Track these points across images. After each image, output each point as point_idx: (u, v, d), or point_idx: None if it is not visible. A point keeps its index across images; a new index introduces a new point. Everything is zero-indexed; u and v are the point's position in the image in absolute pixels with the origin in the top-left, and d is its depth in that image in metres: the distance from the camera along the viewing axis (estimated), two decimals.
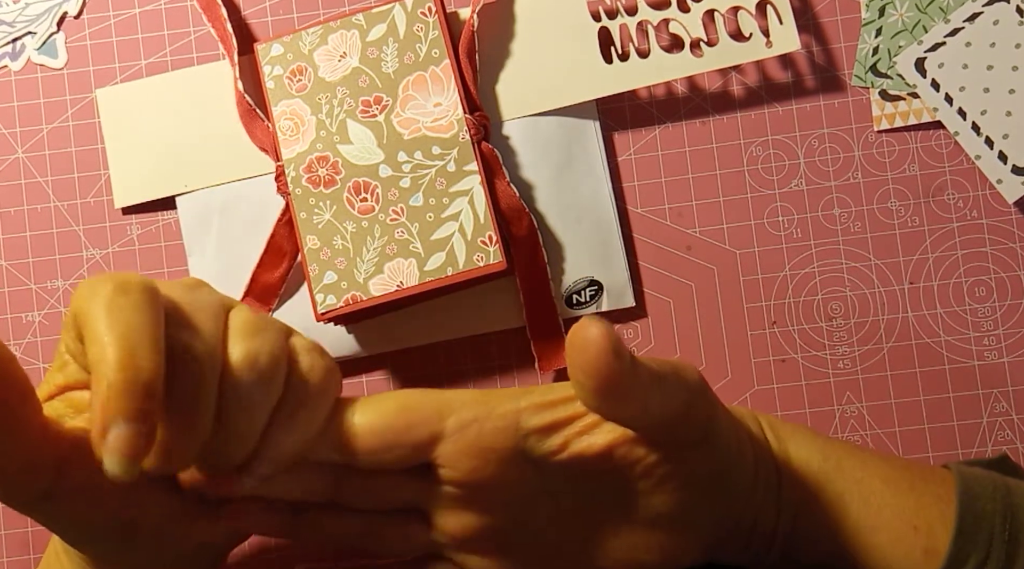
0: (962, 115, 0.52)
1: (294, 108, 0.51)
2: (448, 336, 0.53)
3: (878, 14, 0.53)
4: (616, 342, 0.33)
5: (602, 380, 0.33)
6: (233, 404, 0.34)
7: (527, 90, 0.53)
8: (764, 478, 0.39)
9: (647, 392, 0.34)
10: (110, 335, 0.31)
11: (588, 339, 0.33)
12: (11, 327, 0.54)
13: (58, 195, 0.54)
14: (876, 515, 0.39)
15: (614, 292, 0.53)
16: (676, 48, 0.52)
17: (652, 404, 0.35)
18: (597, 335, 0.33)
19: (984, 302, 0.52)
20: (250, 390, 0.34)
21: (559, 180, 0.53)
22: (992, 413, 0.52)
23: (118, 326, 0.31)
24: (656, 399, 0.35)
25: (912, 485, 0.40)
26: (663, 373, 0.35)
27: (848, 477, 0.40)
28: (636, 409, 0.34)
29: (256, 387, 0.34)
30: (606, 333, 0.33)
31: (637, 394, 0.34)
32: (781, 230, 0.53)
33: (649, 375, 0.34)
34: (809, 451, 0.41)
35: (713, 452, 0.37)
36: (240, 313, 0.36)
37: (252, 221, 0.53)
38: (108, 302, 0.31)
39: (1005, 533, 0.38)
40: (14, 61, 0.55)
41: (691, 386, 0.36)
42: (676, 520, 0.38)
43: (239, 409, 0.34)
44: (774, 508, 0.40)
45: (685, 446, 0.37)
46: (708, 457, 0.37)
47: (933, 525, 0.38)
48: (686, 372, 0.36)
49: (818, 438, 0.42)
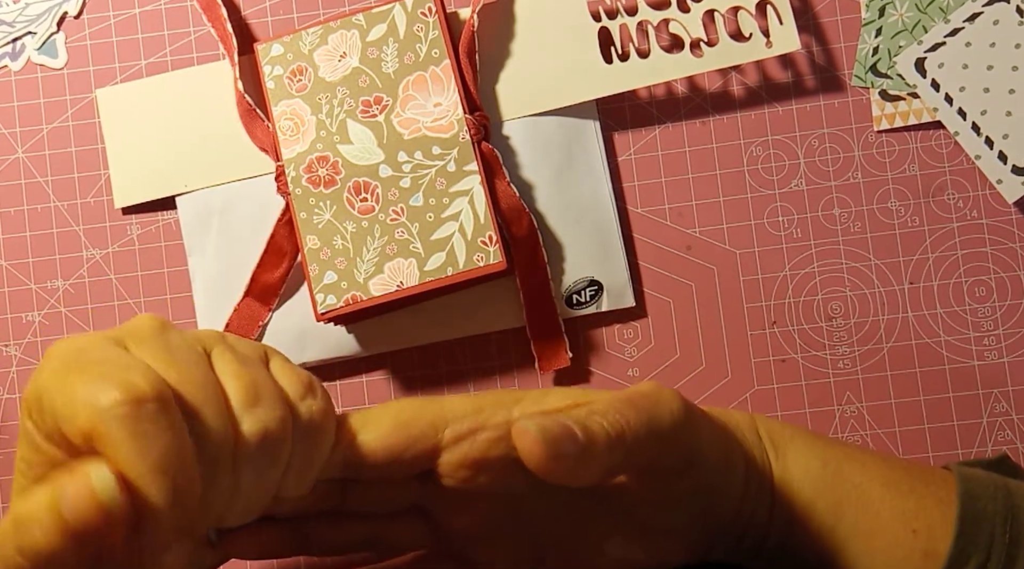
0: (962, 115, 0.52)
1: (294, 108, 0.51)
2: (448, 336, 0.53)
3: (878, 14, 0.53)
4: (553, 445, 0.33)
5: (549, 476, 0.33)
6: (249, 476, 0.33)
7: (527, 90, 0.53)
8: (756, 488, 0.39)
9: (606, 459, 0.34)
10: (145, 466, 0.29)
11: (523, 451, 0.33)
12: (11, 327, 0.54)
13: (58, 195, 0.54)
14: (874, 519, 0.39)
15: (614, 292, 0.53)
16: (676, 48, 0.52)
17: (615, 464, 0.35)
18: (529, 449, 0.33)
19: (984, 302, 0.52)
20: (263, 462, 0.33)
21: (559, 180, 0.53)
22: (992, 413, 0.52)
23: (151, 454, 0.29)
24: (618, 458, 0.35)
25: (912, 487, 0.40)
26: (625, 431, 0.35)
27: (847, 482, 0.40)
28: (596, 475, 0.35)
29: (269, 457, 0.33)
30: (539, 445, 0.33)
31: (593, 467, 0.34)
32: (781, 230, 0.53)
33: (606, 444, 0.34)
34: (807, 458, 0.40)
35: (699, 474, 0.38)
36: (226, 364, 0.34)
37: (252, 221, 0.53)
38: (129, 424, 0.29)
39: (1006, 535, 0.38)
40: (14, 61, 0.55)
41: (663, 432, 0.36)
42: (661, 529, 0.38)
43: (255, 477, 0.33)
44: (766, 515, 0.40)
45: (668, 473, 0.37)
46: (693, 478, 0.38)
47: (933, 528, 0.38)
48: (660, 412, 0.36)
49: (818, 442, 0.41)
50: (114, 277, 0.54)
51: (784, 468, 0.40)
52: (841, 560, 0.39)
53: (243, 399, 0.33)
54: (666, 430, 0.36)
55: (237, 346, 0.35)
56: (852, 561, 0.39)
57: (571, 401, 0.38)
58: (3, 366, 0.54)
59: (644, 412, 0.36)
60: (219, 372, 0.34)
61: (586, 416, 0.35)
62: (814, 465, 0.40)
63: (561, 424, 0.34)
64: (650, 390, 0.37)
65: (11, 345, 0.54)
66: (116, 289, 0.54)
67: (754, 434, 0.41)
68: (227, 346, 0.35)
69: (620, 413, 0.35)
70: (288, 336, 0.53)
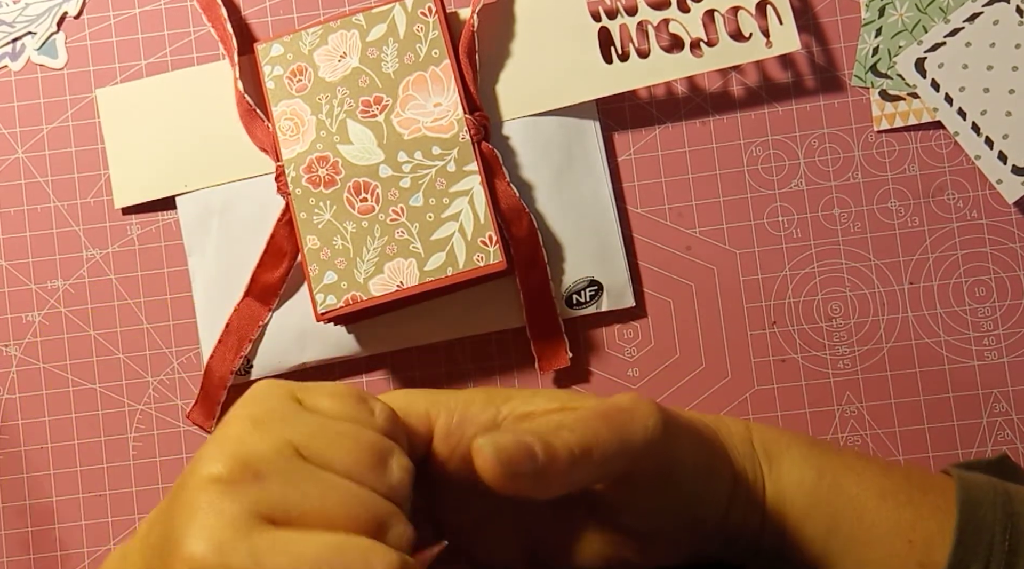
0: (962, 115, 0.52)
1: (294, 108, 0.51)
2: (448, 336, 0.53)
3: (878, 14, 0.53)
4: (508, 465, 0.33)
5: (508, 492, 0.34)
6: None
7: (527, 90, 0.53)
8: (744, 497, 0.39)
9: (568, 475, 0.34)
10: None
11: (479, 470, 0.33)
12: (11, 327, 0.54)
13: (58, 195, 0.54)
14: (869, 531, 0.39)
15: (614, 292, 0.53)
16: (676, 48, 0.52)
17: (582, 478, 0.35)
18: (483, 468, 0.33)
19: (984, 302, 0.52)
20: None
21: (559, 180, 0.53)
22: (992, 413, 0.52)
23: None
24: (585, 473, 0.35)
25: (910, 497, 0.39)
26: (593, 447, 0.35)
27: (843, 494, 0.40)
28: (560, 489, 0.35)
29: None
30: (494, 464, 0.33)
31: (554, 483, 0.34)
32: (781, 230, 0.53)
33: (568, 461, 0.34)
34: (802, 470, 0.40)
35: (679, 483, 0.38)
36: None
37: (252, 221, 0.53)
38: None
39: (1005, 543, 0.37)
40: (14, 61, 0.55)
41: (634, 447, 0.36)
42: (645, 532, 0.38)
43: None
44: (757, 523, 0.39)
45: (645, 483, 0.37)
46: (672, 487, 0.38)
47: (930, 538, 0.38)
48: (634, 427, 0.36)
49: (813, 452, 0.41)
50: (114, 277, 0.54)
51: (778, 478, 0.40)
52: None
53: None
54: (638, 445, 0.36)
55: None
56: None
57: (558, 404, 0.38)
58: (3, 366, 0.54)
59: (617, 428, 0.35)
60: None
61: (553, 430, 0.35)
62: (809, 476, 0.40)
63: (518, 443, 0.33)
64: (627, 404, 0.36)
65: (11, 345, 0.54)
66: (116, 289, 0.54)
67: (747, 444, 0.41)
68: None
69: (591, 428, 0.35)
70: (288, 336, 0.53)
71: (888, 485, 0.40)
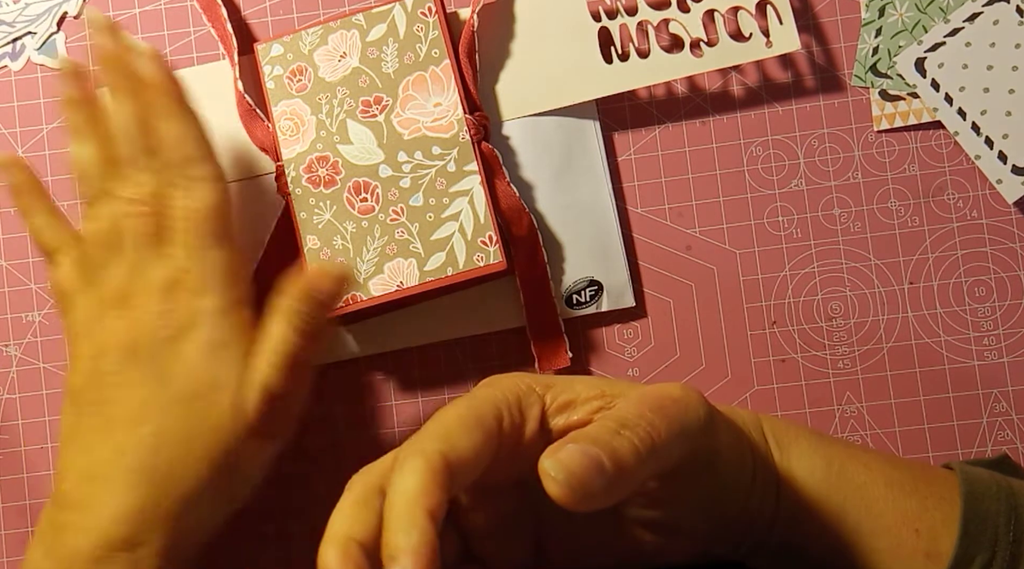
0: (962, 115, 0.52)
1: (294, 108, 0.51)
2: (448, 336, 0.53)
3: (878, 14, 0.53)
4: (580, 488, 0.32)
5: (583, 509, 0.33)
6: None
7: (527, 90, 0.53)
8: (762, 483, 0.39)
9: (636, 478, 0.34)
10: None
11: (551, 495, 0.32)
12: (11, 327, 0.54)
13: (58, 195, 0.54)
14: (877, 519, 0.39)
15: (614, 292, 0.53)
16: (676, 48, 0.52)
17: (645, 475, 0.34)
18: (556, 494, 0.32)
19: (984, 302, 0.52)
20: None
21: (559, 180, 0.53)
22: (992, 413, 0.52)
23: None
24: (650, 468, 0.34)
25: (916, 487, 0.40)
26: (655, 443, 0.34)
27: (851, 483, 0.40)
28: (628, 494, 0.34)
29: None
30: (566, 490, 0.32)
31: (624, 489, 0.33)
32: (781, 230, 0.53)
33: (635, 464, 0.33)
34: (812, 459, 0.40)
35: (714, 476, 0.37)
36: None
37: (252, 221, 0.53)
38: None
39: (1010, 534, 0.38)
40: (14, 61, 0.55)
41: (691, 433, 0.35)
42: (669, 525, 0.38)
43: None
44: (771, 510, 0.40)
45: (686, 476, 0.37)
46: (709, 478, 0.37)
47: (936, 528, 0.38)
48: (689, 419, 0.35)
49: (822, 442, 0.41)
50: None
51: (789, 467, 0.40)
52: (844, 559, 0.39)
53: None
54: (694, 438, 0.35)
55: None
56: (855, 560, 0.39)
57: (597, 391, 0.37)
58: (3, 366, 0.54)
59: (675, 421, 0.35)
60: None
61: (614, 434, 0.34)
62: (818, 464, 0.40)
63: (587, 458, 0.32)
64: (680, 395, 0.36)
65: (11, 345, 0.54)
66: None
67: (759, 432, 0.41)
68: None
69: (651, 424, 0.34)
70: None
71: (894, 475, 0.40)
